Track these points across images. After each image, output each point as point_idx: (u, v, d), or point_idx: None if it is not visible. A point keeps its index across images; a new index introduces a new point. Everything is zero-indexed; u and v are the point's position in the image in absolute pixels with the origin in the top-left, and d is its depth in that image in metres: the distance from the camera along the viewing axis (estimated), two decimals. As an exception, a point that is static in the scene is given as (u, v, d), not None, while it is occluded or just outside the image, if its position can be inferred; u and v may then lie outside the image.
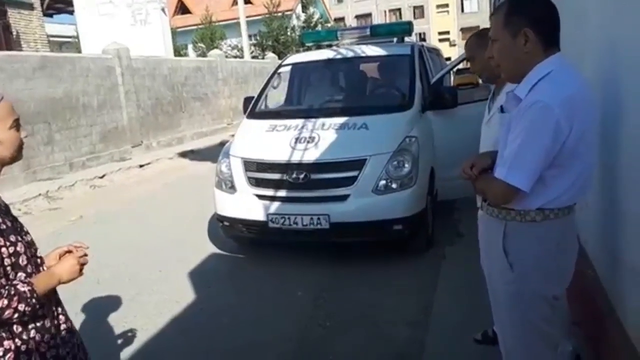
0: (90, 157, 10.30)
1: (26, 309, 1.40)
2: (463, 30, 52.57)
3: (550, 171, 1.67)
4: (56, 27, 24.79)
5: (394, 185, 4.13)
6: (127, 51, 11.51)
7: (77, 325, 1.74)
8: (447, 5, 53.23)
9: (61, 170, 9.47)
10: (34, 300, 1.42)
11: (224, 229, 4.70)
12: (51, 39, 19.29)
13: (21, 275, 1.45)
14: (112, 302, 3.91)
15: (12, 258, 1.43)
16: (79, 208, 7.34)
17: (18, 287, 1.40)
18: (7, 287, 1.38)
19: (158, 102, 12.84)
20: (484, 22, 45.40)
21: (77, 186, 8.69)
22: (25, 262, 1.47)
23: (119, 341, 3.34)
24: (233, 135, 5.22)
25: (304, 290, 3.92)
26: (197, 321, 3.61)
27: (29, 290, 1.41)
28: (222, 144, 10.59)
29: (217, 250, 4.95)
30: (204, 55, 23.20)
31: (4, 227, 1.43)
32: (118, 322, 3.62)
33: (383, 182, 4.11)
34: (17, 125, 1.50)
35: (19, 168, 8.63)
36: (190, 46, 31.12)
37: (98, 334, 3.37)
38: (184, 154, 11.91)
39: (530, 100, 1.63)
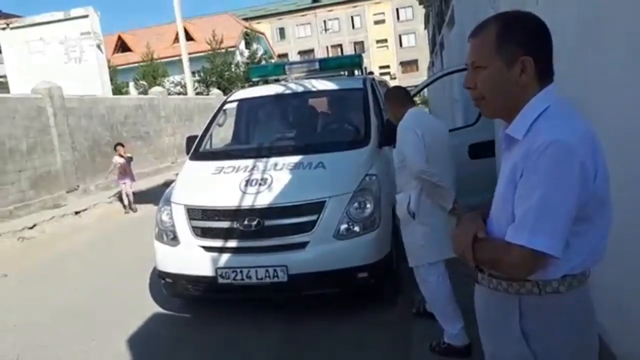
0: (19, 205, 9.43)
1: None
2: (402, 63, 54.53)
3: (576, 227, 1.28)
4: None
5: (356, 229, 3.76)
6: (59, 90, 10.80)
7: None
8: (386, 41, 55.29)
9: (-16, 222, 8.57)
10: None
11: (166, 286, 4.14)
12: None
13: None
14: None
15: None
16: (3, 264, 6.53)
17: None
18: None
19: (95, 143, 12.11)
20: (423, 56, 47.14)
21: (3, 239, 7.84)
22: None
23: None
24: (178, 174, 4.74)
25: (262, 357, 3.44)
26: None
27: None
28: (166, 184, 9.96)
29: (160, 310, 4.37)
30: (145, 92, 22.46)
31: None
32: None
33: (344, 225, 3.74)
34: None
35: None
36: (131, 84, 30.28)
37: None
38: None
39: (540, 141, 1.26)
